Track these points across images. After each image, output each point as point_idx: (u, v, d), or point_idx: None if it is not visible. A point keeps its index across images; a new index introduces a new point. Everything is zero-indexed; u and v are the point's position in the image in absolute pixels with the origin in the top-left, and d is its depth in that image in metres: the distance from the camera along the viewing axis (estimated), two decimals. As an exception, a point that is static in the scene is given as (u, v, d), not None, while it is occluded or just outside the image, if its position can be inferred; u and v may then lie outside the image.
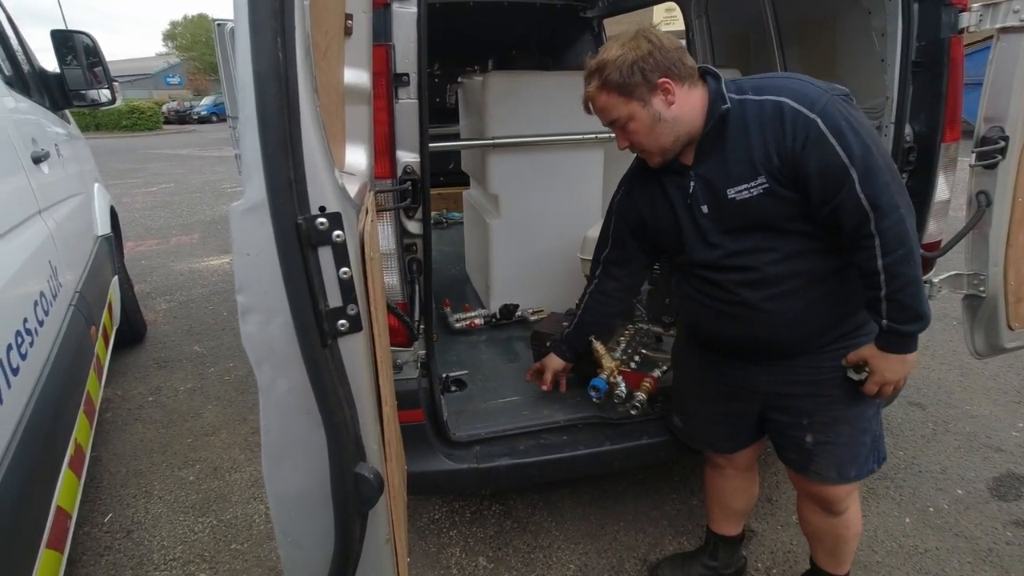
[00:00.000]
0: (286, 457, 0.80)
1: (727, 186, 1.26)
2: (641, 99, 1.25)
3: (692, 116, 1.27)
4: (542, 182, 2.42)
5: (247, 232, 0.69)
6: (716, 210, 1.31)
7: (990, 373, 3.03)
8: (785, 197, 1.23)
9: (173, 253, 5.78)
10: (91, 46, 2.71)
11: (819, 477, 1.44)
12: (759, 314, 1.32)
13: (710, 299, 1.38)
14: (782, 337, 1.34)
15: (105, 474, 2.46)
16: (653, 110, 1.26)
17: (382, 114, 1.36)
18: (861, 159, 1.15)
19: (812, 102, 1.17)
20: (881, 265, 1.17)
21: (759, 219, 1.27)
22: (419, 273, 1.56)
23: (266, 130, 0.65)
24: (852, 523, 1.54)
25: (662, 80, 1.23)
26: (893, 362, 1.25)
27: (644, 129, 1.28)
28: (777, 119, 1.19)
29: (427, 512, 2.18)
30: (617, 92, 1.25)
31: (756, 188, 1.23)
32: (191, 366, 3.39)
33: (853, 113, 1.19)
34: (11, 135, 1.82)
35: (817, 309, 1.31)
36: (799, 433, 1.42)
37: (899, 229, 1.16)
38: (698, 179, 1.32)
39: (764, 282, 1.30)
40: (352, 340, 0.79)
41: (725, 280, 1.34)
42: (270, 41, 0.63)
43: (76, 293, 2.07)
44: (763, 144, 1.21)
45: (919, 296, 1.19)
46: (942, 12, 1.70)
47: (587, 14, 4.29)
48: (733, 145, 1.25)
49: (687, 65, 1.26)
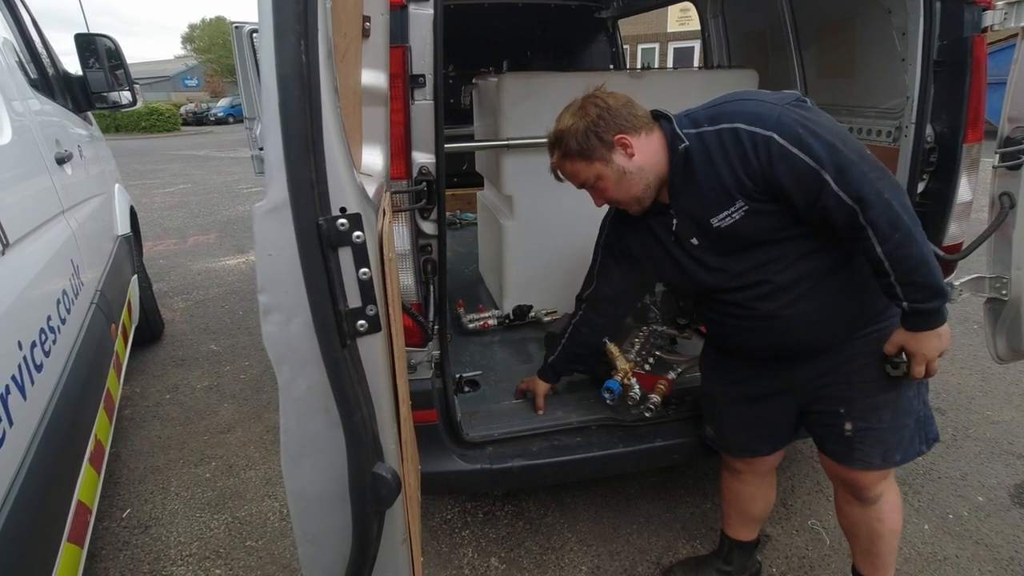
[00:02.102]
0: (305, 455, 0.81)
1: (708, 216, 1.29)
2: (603, 159, 1.32)
3: (655, 160, 1.32)
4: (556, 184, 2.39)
5: (269, 232, 0.70)
6: (706, 240, 1.33)
7: (1012, 378, 2.97)
8: (769, 211, 1.24)
9: (190, 253, 5.86)
10: (113, 49, 2.76)
11: (863, 464, 1.43)
12: (781, 322, 1.33)
13: (732, 318, 1.40)
14: (809, 338, 1.35)
15: (124, 470, 2.50)
16: (616, 166, 1.32)
17: (398, 115, 1.37)
18: (830, 159, 1.15)
19: (764, 120, 1.19)
20: (882, 253, 1.17)
21: (752, 237, 1.28)
22: (433, 274, 1.57)
23: (289, 132, 0.65)
24: (886, 515, 1.51)
25: (617, 137, 1.30)
26: (929, 339, 1.23)
27: (613, 185, 1.34)
28: (737, 144, 1.21)
29: (440, 512, 2.19)
30: (579, 158, 1.33)
31: (738, 212, 1.25)
32: (207, 364, 3.44)
33: (809, 117, 1.19)
34: (36, 137, 1.86)
35: (835, 303, 1.32)
36: (838, 421, 1.41)
37: (889, 215, 1.15)
38: (680, 215, 1.35)
39: (777, 292, 1.31)
40: (371, 340, 0.79)
41: (740, 298, 1.35)
42: (293, 44, 0.64)
43: (97, 292, 2.10)
44: (731, 171, 1.23)
45: (931, 273, 1.18)
46: (965, 10, 1.67)
47: (602, 14, 4.28)
48: (703, 177, 1.27)
49: (638, 116, 1.33)
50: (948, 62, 1.74)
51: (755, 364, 1.48)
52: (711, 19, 3.40)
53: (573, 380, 2.07)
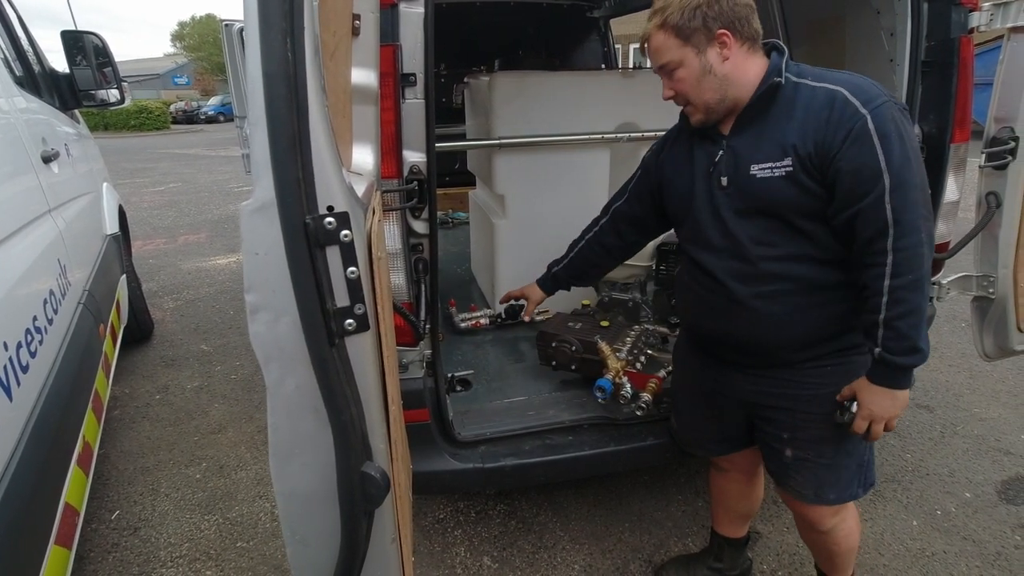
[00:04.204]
0: (294, 455, 0.81)
1: (752, 162, 1.23)
2: (696, 46, 1.21)
3: (744, 80, 1.23)
4: (548, 182, 2.41)
5: (256, 231, 0.70)
6: (735, 185, 1.27)
7: (999, 376, 3.01)
8: (806, 187, 1.18)
9: (180, 252, 5.81)
10: (100, 46, 2.74)
11: (796, 494, 1.42)
12: (743, 310, 1.29)
13: (702, 289, 1.37)
14: (762, 338, 1.31)
15: (113, 471, 2.47)
16: (705, 61, 1.21)
17: (389, 114, 1.37)
18: (898, 168, 1.10)
19: (868, 98, 1.13)
20: (887, 286, 1.12)
21: (772, 204, 1.23)
22: (425, 273, 1.57)
23: (275, 130, 0.65)
24: (842, 540, 1.49)
25: (721, 31, 1.19)
26: (882, 397, 1.18)
27: (692, 79, 1.24)
28: (826, 107, 1.15)
29: (432, 512, 2.18)
30: (674, 34, 1.21)
31: (779, 169, 1.19)
32: (198, 364, 3.41)
33: (905, 124, 1.14)
34: (22, 135, 1.84)
35: (803, 318, 1.27)
36: (779, 446, 1.39)
37: (915, 253, 1.10)
38: (728, 150, 1.28)
39: (755, 277, 1.27)
40: (359, 339, 0.79)
41: (720, 268, 1.31)
42: (280, 42, 0.63)
43: (85, 291, 2.08)
44: (802, 129, 1.17)
45: (919, 328, 1.13)
46: (952, 12, 1.68)
47: (594, 14, 4.29)
48: (773, 123, 1.21)
49: (753, 27, 1.22)
50: (936, 63, 1.75)
51: (710, 357, 1.46)
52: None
53: (565, 379, 2.08)
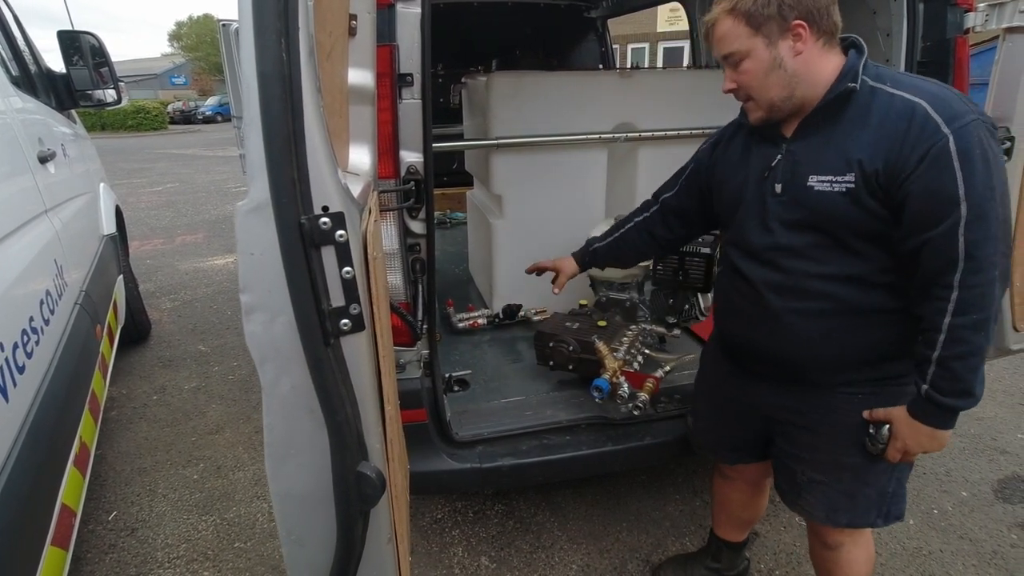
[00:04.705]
0: (289, 456, 0.81)
1: (812, 172, 1.13)
2: (767, 36, 1.10)
3: (815, 80, 1.12)
4: (546, 182, 2.41)
5: (251, 231, 0.70)
6: (789, 194, 1.18)
7: (995, 375, 3.01)
8: (866, 207, 1.08)
9: (178, 252, 5.80)
10: (97, 46, 2.73)
11: (807, 513, 1.38)
12: (778, 324, 1.22)
13: (739, 296, 1.30)
14: (794, 356, 1.24)
15: (110, 472, 2.47)
16: (776, 53, 1.11)
17: (386, 114, 1.37)
18: (979, 198, 0.98)
19: (953, 115, 1.01)
20: (947, 324, 1.02)
21: (826, 220, 1.13)
22: (422, 273, 1.57)
23: (270, 130, 0.65)
24: (847, 566, 1.41)
25: (798, 22, 1.08)
26: (921, 434, 1.09)
27: (758, 72, 1.13)
28: (903, 120, 1.04)
29: (430, 512, 2.18)
30: (745, 21, 1.11)
31: (840, 184, 1.09)
32: (195, 365, 3.41)
33: (993, 147, 1.02)
34: (18, 135, 1.84)
35: (841, 341, 1.18)
36: (795, 465, 1.34)
37: (986, 291, 1.00)
38: (787, 155, 1.19)
39: (794, 292, 1.19)
40: (354, 339, 0.79)
41: (759, 277, 1.24)
42: (274, 42, 0.63)
43: (82, 292, 2.08)
44: (873, 142, 1.06)
45: (976, 371, 1.03)
46: (948, 12, 1.69)
47: (591, 14, 4.29)
48: (841, 132, 1.11)
49: (833, 21, 1.11)
50: (931, 63, 1.76)
51: (737, 365, 1.42)
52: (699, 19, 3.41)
53: (563, 379, 2.08)
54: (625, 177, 2.55)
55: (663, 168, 2.51)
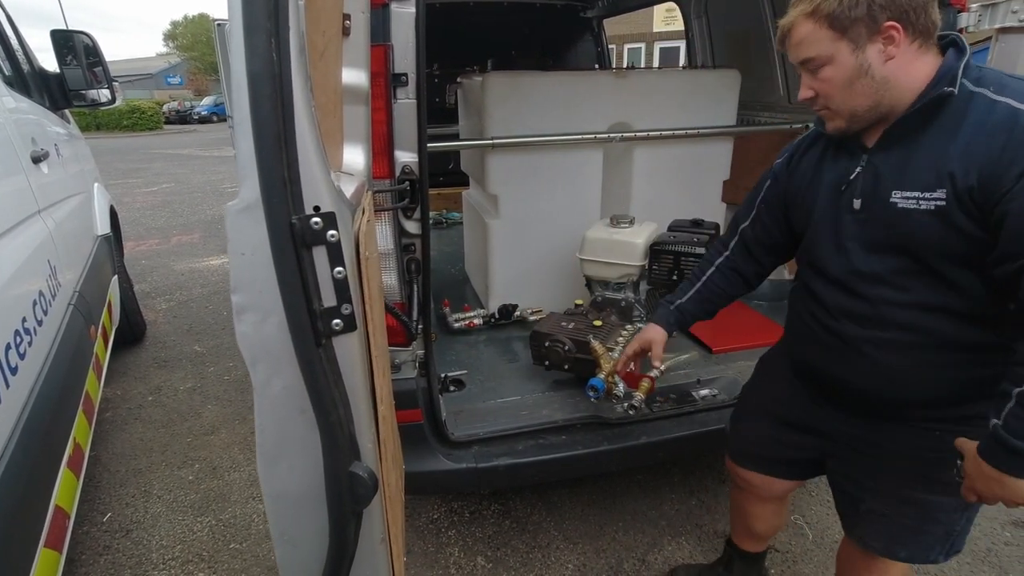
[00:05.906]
0: (281, 456, 0.81)
1: (896, 187, 1.02)
2: (854, 41, 0.98)
3: (905, 85, 1.00)
4: (541, 182, 2.42)
5: (242, 231, 0.70)
6: (869, 211, 1.07)
7: (990, 373, 3.03)
8: (959, 227, 0.96)
9: (173, 253, 5.79)
10: (91, 46, 2.72)
11: (862, 543, 1.28)
12: (855, 355, 1.12)
13: (813, 320, 1.20)
14: (871, 389, 1.14)
15: (104, 473, 2.46)
16: (863, 59, 0.98)
17: (380, 114, 1.37)
18: None
19: None
20: None
21: (912, 242, 1.02)
22: (417, 273, 1.57)
23: (260, 130, 0.65)
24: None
25: (890, 24, 0.96)
26: (989, 477, 0.93)
27: (841, 80, 1.01)
28: (1004, 129, 0.91)
29: (426, 512, 2.18)
30: (827, 24, 0.98)
31: (929, 202, 0.98)
32: (191, 366, 3.40)
33: None
34: (11, 135, 1.83)
35: (926, 377, 1.08)
36: (858, 493, 1.26)
37: None
38: (868, 167, 1.07)
39: (873, 321, 1.09)
40: (346, 339, 0.79)
41: (833, 302, 1.14)
42: (264, 41, 0.63)
43: (75, 293, 2.07)
44: (968, 153, 0.94)
45: None
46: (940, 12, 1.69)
47: (587, 14, 4.30)
48: (930, 141, 0.99)
49: (931, 17, 0.98)
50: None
51: (804, 388, 1.31)
52: (694, 19, 3.43)
53: (559, 379, 2.08)
54: (620, 177, 2.55)
55: (658, 168, 2.53)
